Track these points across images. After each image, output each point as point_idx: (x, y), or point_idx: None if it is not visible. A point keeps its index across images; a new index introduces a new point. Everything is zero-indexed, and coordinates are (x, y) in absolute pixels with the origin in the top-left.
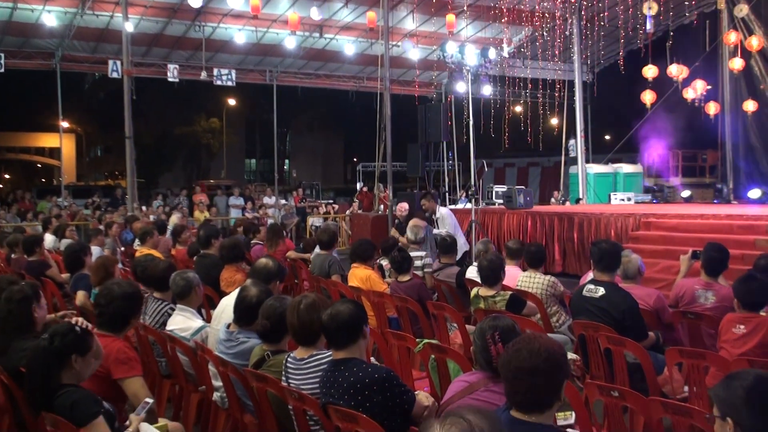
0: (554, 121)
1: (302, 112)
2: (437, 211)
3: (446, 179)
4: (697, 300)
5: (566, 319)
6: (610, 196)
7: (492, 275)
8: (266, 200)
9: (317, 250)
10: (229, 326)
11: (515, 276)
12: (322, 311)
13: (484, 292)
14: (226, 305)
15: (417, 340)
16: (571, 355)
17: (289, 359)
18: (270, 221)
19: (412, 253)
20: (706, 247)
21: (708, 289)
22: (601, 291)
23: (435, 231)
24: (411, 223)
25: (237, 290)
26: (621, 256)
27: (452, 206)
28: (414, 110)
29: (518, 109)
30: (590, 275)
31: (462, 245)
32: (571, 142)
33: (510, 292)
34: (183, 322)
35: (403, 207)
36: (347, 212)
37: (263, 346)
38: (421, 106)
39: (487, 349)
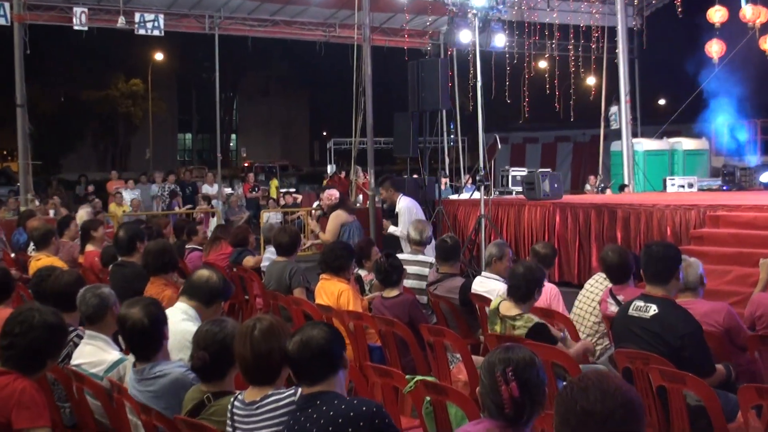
0: (590, 81)
1: (254, 72)
2: (398, 202)
3: (446, 160)
4: None
5: (607, 347)
6: (665, 181)
7: (525, 288)
8: (206, 189)
9: (272, 255)
10: (135, 365)
11: (551, 295)
12: (283, 338)
13: (506, 308)
14: None
15: (407, 376)
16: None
17: (236, 403)
18: (213, 219)
19: (416, 258)
20: None
21: None
22: (654, 309)
23: (392, 229)
24: (410, 217)
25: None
26: (680, 261)
27: (455, 195)
28: (403, 68)
29: (542, 65)
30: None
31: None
32: (613, 109)
33: (535, 320)
34: (94, 353)
35: (332, 195)
36: (314, 204)
37: (201, 386)
38: (412, 63)
39: (497, 391)
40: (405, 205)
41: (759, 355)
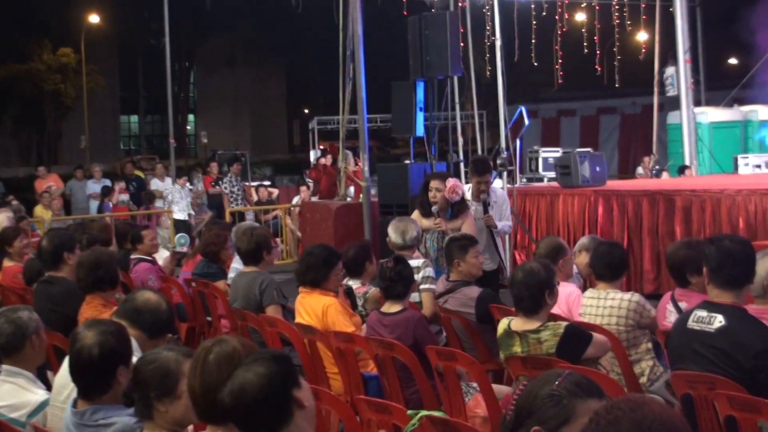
0: (640, 37)
1: (215, 36)
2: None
3: (459, 140)
4: None
5: (663, 370)
6: (736, 160)
7: (529, 295)
8: (156, 184)
9: (238, 266)
10: (76, 403)
11: (570, 300)
12: None
13: (518, 325)
14: None
15: (409, 412)
16: None
17: None
18: (164, 218)
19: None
20: None
21: None
22: (720, 321)
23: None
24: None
25: None
26: (755, 260)
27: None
28: (402, 25)
29: (579, 18)
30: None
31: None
32: (669, 71)
33: (565, 322)
34: (13, 394)
35: (457, 187)
36: (294, 200)
37: (144, 429)
38: (413, 19)
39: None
40: (500, 192)
41: None
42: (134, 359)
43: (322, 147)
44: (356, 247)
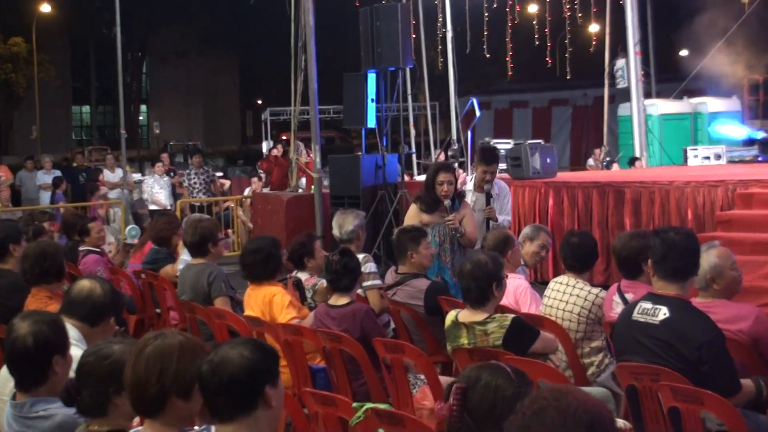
0: (593, 28)
1: (167, 27)
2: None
3: (412, 132)
4: None
5: (610, 362)
6: (686, 152)
7: (476, 287)
8: (107, 175)
9: (187, 257)
10: (15, 396)
11: (518, 292)
12: (184, 362)
13: (466, 317)
14: None
15: (354, 404)
16: (617, 421)
17: None
18: (115, 210)
19: None
20: None
21: None
22: (664, 313)
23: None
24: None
25: None
26: (699, 252)
27: (422, 176)
28: (354, 16)
29: (532, 9)
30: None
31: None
32: (619, 63)
33: (512, 315)
34: None
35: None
36: (246, 191)
37: (90, 424)
38: (364, 10)
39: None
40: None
41: None
42: (78, 350)
43: (285, 138)
44: (300, 240)
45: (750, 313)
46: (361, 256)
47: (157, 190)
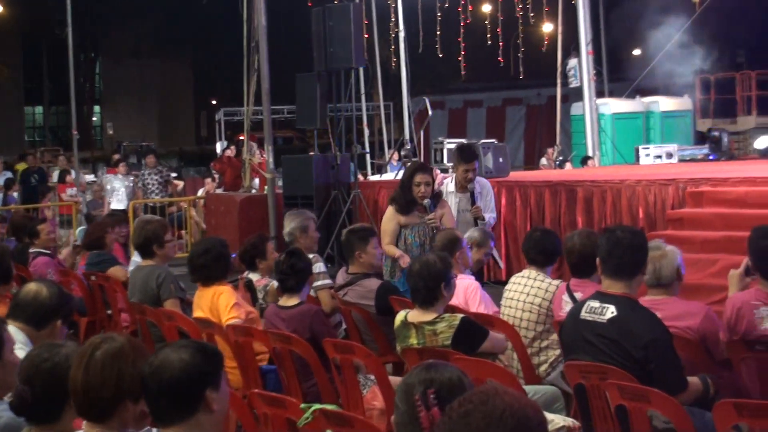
0: (546, 27)
1: (120, 27)
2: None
3: (365, 132)
4: (760, 323)
5: (561, 360)
6: (637, 151)
7: (425, 287)
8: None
9: (138, 259)
10: None
11: (467, 292)
12: (133, 366)
13: (415, 317)
14: None
15: (303, 405)
16: (561, 420)
17: None
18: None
19: None
20: (752, 236)
21: None
22: (612, 311)
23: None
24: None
25: None
26: (647, 250)
27: (376, 176)
28: (306, 16)
29: (485, 8)
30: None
31: None
32: (572, 62)
33: (461, 315)
34: None
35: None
36: (199, 192)
37: (32, 429)
38: (317, 10)
39: (416, 419)
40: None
41: (744, 365)
42: (22, 353)
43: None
44: (251, 240)
45: (699, 311)
46: (310, 256)
47: (116, 188)
